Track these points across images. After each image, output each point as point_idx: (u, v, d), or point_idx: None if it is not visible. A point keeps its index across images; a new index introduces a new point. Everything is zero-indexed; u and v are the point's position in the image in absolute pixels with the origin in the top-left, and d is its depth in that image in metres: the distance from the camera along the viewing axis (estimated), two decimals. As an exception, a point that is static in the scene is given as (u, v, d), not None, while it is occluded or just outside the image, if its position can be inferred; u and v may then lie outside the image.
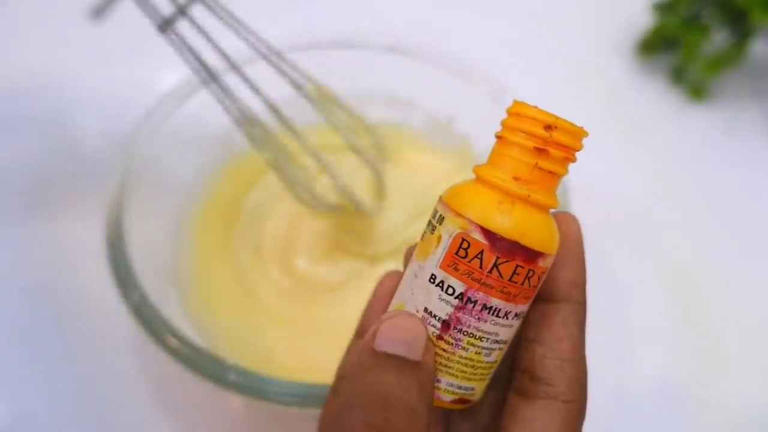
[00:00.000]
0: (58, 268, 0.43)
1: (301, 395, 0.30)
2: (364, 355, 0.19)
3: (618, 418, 0.38)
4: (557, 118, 0.20)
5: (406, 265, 0.22)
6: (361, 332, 0.22)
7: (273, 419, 0.38)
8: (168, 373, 0.39)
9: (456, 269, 0.19)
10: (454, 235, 0.19)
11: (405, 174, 0.43)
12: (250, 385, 0.30)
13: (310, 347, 0.38)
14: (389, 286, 0.22)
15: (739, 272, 0.46)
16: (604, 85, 0.56)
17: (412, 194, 0.41)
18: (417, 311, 0.20)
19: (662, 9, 0.54)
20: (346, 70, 0.42)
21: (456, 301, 0.19)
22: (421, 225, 0.22)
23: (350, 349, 0.22)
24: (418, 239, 0.21)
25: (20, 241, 0.45)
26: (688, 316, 0.44)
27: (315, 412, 0.29)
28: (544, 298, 0.21)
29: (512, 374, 0.21)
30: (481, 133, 0.42)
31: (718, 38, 0.53)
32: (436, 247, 0.20)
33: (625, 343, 0.42)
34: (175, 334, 0.31)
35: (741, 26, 0.52)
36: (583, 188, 0.35)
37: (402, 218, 0.41)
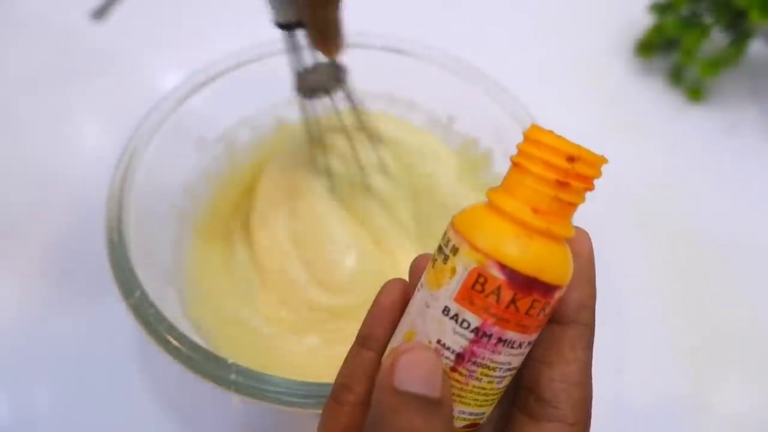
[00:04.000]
0: (58, 268, 0.43)
1: (301, 395, 0.30)
2: (386, 394, 0.19)
3: (617, 418, 0.38)
4: (580, 148, 0.19)
5: (410, 277, 0.22)
6: (362, 340, 0.22)
7: (273, 419, 0.38)
8: (168, 373, 0.39)
9: (471, 303, 0.19)
10: (470, 269, 0.19)
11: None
12: (250, 385, 0.30)
13: (311, 345, 0.38)
14: (393, 295, 0.22)
15: (738, 273, 0.46)
16: (603, 85, 0.56)
17: None
18: (429, 342, 0.19)
19: (661, 9, 0.54)
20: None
21: (471, 335, 0.19)
22: None
23: (350, 356, 0.22)
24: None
25: (19, 240, 0.45)
26: (686, 317, 0.44)
27: (315, 412, 0.29)
28: (552, 320, 0.21)
29: (516, 390, 0.21)
30: (481, 133, 0.42)
31: (717, 39, 0.53)
32: (450, 278, 0.19)
33: (623, 345, 0.42)
34: (175, 334, 0.31)
35: (739, 27, 0.52)
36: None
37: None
